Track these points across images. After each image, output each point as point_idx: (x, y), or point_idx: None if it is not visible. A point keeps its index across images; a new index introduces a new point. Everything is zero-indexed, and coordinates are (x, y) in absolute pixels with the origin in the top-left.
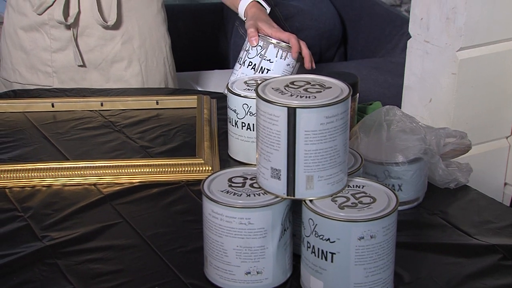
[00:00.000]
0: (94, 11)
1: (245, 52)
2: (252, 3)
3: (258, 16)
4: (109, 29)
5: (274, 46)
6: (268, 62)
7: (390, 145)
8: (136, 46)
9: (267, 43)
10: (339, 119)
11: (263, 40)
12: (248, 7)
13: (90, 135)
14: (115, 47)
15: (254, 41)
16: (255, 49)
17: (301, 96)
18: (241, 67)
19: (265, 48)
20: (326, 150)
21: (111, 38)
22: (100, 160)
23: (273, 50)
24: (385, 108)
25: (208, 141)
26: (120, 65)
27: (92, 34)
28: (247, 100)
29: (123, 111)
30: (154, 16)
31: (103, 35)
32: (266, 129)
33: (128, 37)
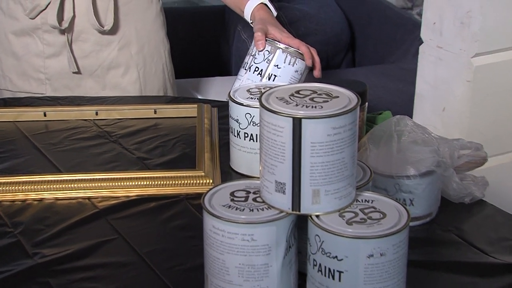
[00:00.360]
0: (90, 15)
1: (251, 57)
2: (259, 5)
3: (267, 20)
4: (105, 34)
5: (282, 51)
6: (276, 68)
7: (401, 157)
8: (134, 52)
9: (275, 48)
10: (347, 130)
11: (271, 45)
12: (256, 9)
13: (84, 145)
14: (111, 53)
15: (260, 45)
16: (262, 54)
17: (307, 106)
18: (246, 72)
19: (272, 53)
20: (333, 163)
21: (108, 43)
22: (94, 173)
23: (281, 56)
24: (396, 118)
25: (209, 152)
26: (117, 72)
27: (87, 39)
28: (250, 109)
29: (119, 121)
30: (152, 20)
31: (99, 40)
32: (270, 140)
33: (125, 42)
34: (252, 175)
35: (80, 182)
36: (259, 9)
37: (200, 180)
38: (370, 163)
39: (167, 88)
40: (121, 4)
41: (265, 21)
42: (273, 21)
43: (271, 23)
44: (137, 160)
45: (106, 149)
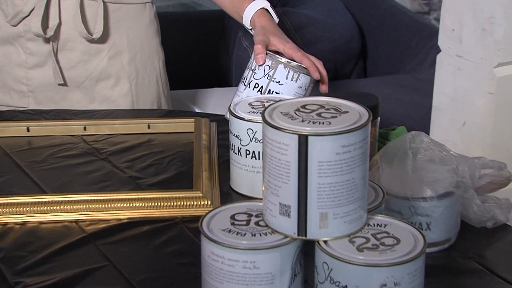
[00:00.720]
0: (77, 22)
1: (250, 72)
2: (260, 10)
3: (269, 29)
4: (94, 43)
5: (284, 66)
6: (277, 85)
7: (417, 177)
8: (125, 62)
9: (276, 63)
10: (358, 148)
11: (272, 59)
12: (256, 15)
13: (71, 164)
14: (100, 63)
15: (260, 59)
16: (262, 69)
17: (313, 122)
18: (246, 88)
19: (273, 68)
20: (342, 184)
21: (97, 52)
22: (82, 193)
23: (283, 71)
24: (411, 134)
25: (207, 171)
26: (107, 84)
27: (74, 48)
28: (252, 125)
29: (109, 136)
30: (145, 28)
31: (87, 50)
32: (274, 159)
33: (116, 51)
34: (254, 196)
35: (67, 204)
36: (259, 15)
37: (197, 201)
38: (382, 183)
39: (161, 101)
40: (111, 10)
41: (266, 30)
42: (275, 29)
43: (273, 33)
44: (129, 179)
45: (95, 168)
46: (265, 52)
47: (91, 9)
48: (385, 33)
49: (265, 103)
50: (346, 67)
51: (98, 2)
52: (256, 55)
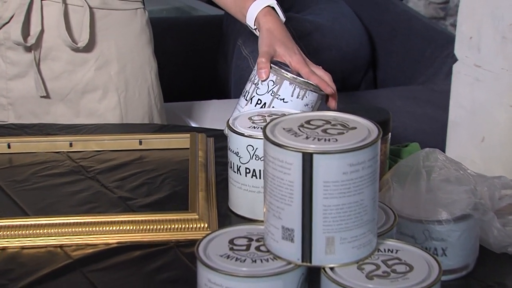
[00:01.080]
0: (61, 30)
1: (253, 86)
2: (265, 9)
3: (276, 34)
4: (80, 52)
5: (289, 82)
6: (282, 102)
7: (431, 198)
8: (114, 73)
9: (281, 78)
10: (367, 167)
11: (277, 74)
12: (261, 15)
13: (55, 183)
14: (87, 73)
15: (263, 74)
16: (266, 84)
17: (319, 139)
18: (247, 104)
19: (278, 84)
20: (350, 206)
21: (82, 62)
22: (68, 216)
23: (288, 88)
24: (425, 151)
25: (204, 191)
26: (93, 96)
27: (58, 57)
28: (252, 141)
29: (97, 153)
30: (136, 36)
31: (72, 59)
32: (276, 178)
33: (103, 61)
34: (254, 219)
35: (51, 227)
36: (265, 14)
37: (193, 224)
38: (394, 205)
39: (153, 115)
40: (98, 16)
41: (272, 36)
42: (282, 34)
43: (280, 40)
44: (119, 200)
45: (82, 187)
46: (269, 66)
47: (76, 15)
48: (397, 40)
49: (266, 117)
50: (354, 78)
51: (84, 7)
52: (259, 70)
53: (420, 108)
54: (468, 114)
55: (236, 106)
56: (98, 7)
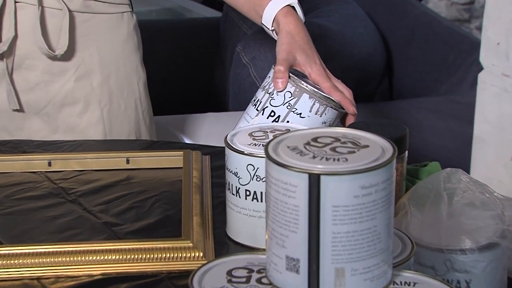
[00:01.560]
0: (37, 36)
1: (266, 95)
2: (286, 8)
3: (297, 39)
4: (58, 60)
5: (309, 96)
6: (298, 117)
7: (453, 224)
8: (96, 84)
9: (300, 91)
10: (380, 189)
11: (296, 85)
12: (281, 15)
13: (32, 207)
14: (65, 84)
15: (280, 84)
16: (282, 95)
17: (327, 159)
18: (258, 114)
19: (296, 96)
20: (362, 233)
21: (61, 72)
22: (46, 244)
23: (308, 102)
24: (446, 171)
25: (199, 216)
26: (73, 110)
27: (33, 66)
28: (253, 160)
29: (79, 173)
30: (122, 42)
31: (49, 69)
32: (280, 202)
33: (84, 71)
34: (255, 247)
35: (27, 257)
36: (286, 15)
37: (187, 253)
38: (411, 232)
39: (141, 131)
40: (79, 21)
41: (293, 41)
42: (303, 40)
43: (301, 47)
44: (103, 226)
45: (62, 212)
46: (288, 76)
47: (54, 20)
48: (416, 46)
49: (268, 133)
50: (367, 88)
51: (63, 11)
52: (275, 79)
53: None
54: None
55: (244, 116)
56: (79, 10)
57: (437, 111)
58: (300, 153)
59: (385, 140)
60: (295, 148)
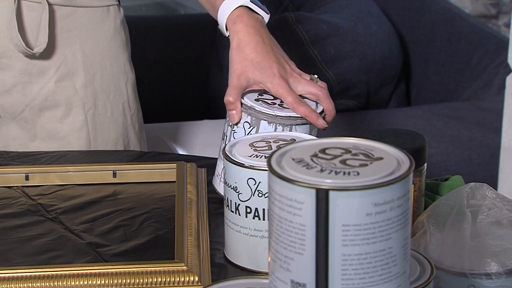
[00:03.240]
0: (13, 32)
1: (229, 128)
2: (237, 11)
3: (247, 53)
4: (36, 59)
5: (268, 122)
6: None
7: (477, 245)
8: (79, 85)
9: (256, 119)
10: (396, 207)
11: (251, 114)
12: (230, 21)
13: (7, 226)
14: (45, 86)
15: (235, 116)
16: (242, 127)
17: (336, 172)
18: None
19: (255, 126)
20: (375, 255)
21: (40, 72)
22: (23, 267)
23: (269, 128)
24: (469, 186)
25: (194, 235)
26: (53, 114)
27: (9, 66)
28: (254, 173)
29: (60, 188)
30: (108, 39)
31: (26, 68)
32: (284, 221)
33: (66, 70)
34: (257, 270)
35: (3, 282)
36: (235, 21)
37: (180, 277)
38: (431, 254)
39: (130, 138)
40: (60, 15)
41: (243, 56)
42: (255, 51)
43: (253, 61)
44: (87, 247)
45: (41, 232)
46: (239, 105)
47: (32, 14)
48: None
49: (272, 143)
50: (381, 92)
51: (42, 4)
52: (228, 111)
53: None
54: None
55: (219, 153)
56: (59, 3)
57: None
58: (307, 166)
59: (401, 152)
60: (301, 160)
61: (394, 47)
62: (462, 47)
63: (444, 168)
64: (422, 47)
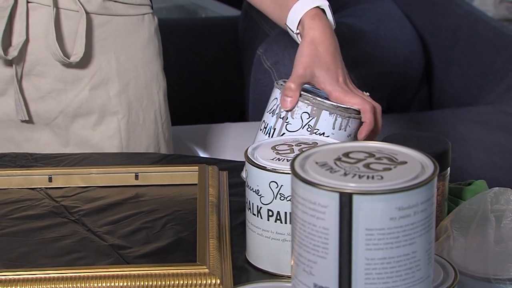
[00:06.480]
0: (51, 40)
1: (280, 121)
2: (314, 10)
3: (320, 51)
4: (72, 67)
5: (329, 112)
6: (322, 137)
7: (502, 250)
8: (113, 93)
9: (318, 109)
10: (420, 211)
11: (312, 104)
12: (308, 17)
13: (31, 228)
14: (80, 94)
15: (288, 103)
16: (299, 118)
17: (360, 176)
18: None
19: (315, 116)
20: (399, 259)
21: (75, 80)
22: (46, 269)
23: (329, 119)
24: (493, 191)
25: (216, 238)
26: (87, 121)
27: (45, 73)
28: (276, 177)
29: (83, 190)
30: (142, 48)
31: (62, 76)
32: (307, 225)
33: (101, 79)
34: (279, 274)
35: (26, 284)
36: (313, 18)
37: (202, 279)
38: (454, 258)
39: (160, 146)
40: (96, 24)
41: (316, 52)
42: (327, 51)
43: (323, 60)
44: (110, 249)
45: (64, 233)
46: (298, 94)
47: (69, 23)
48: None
49: (294, 146)
50: (404, 95)
51: (79, 13)
52: (284, 96)
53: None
54: None
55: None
56: (96, 12)
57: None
58: (330, 170)
59: (425, 156)
60: (325, 164)
61: (416, 51)
62: (485, 51)
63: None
64: (444, 50)
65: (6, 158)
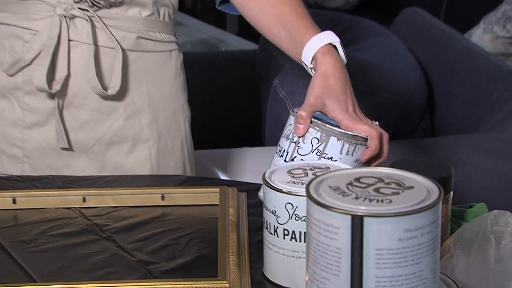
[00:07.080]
0: (90, 75)
1: (292, 145)
2: (327, 46)
3: (331, 83)
4: (109, 99)
5: (337, 139)
6: (330, 161)
7: (501, 269)
8: (145, 123)
9: (327, 135)
10: (426, 233)
11: (321, 130)
12: (320, 53)
13: (66, 244)
14: (115, 123)
15: (301, 130)
16: (309, 143)
17: (370, 200)
18: None
19: (324, 142)
20: (407, 278)
21: (111, 111)
22: (80, 282)
23: (337, 145)
24: (493, 213)
25: (235, 255)
26: (121, 149)
27: (84, 105)
28: (291, 198)
29: (114, 210)
30: (171, 80)
31: (99, 107)
32: (321, 244)
33: (134, 110)
34: None
35: None
36: (325, 53)
37: None
38: (457, 276)
39: (186, 170)
40: (130, 59)
41: (326, 85)
42: (338, 84)
43: (333, 91)
44: (138, 264)
45: (96, 249)
46: (309, 121)
47: (107, 59)
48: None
49: (308, 171)
50: (408, 124)
51: (115, 49)
52: (297, 123)
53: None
54: None
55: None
56: (131, 49)
57: (482, 149)
58: (343, 194)
59: (431, 181)
60: (337, 188)
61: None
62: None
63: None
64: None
65: (44, 180)
